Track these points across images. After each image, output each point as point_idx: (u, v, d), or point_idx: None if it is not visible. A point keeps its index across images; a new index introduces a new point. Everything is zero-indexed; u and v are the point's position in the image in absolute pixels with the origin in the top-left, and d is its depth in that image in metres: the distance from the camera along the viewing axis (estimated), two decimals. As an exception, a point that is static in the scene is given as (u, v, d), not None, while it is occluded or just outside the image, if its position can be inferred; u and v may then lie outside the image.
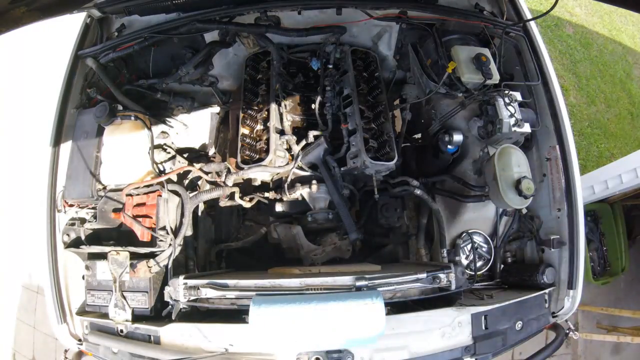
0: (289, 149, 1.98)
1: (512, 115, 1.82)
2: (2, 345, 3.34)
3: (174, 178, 1.87)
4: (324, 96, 2.03)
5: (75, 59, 2.04)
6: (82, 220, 1.81)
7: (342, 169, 1.96)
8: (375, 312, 1.36)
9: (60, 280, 1.81)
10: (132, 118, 1.86)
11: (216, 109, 2.35)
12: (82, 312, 1.80)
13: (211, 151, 2.36)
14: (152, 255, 1.69)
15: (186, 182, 1.98)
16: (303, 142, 1.98)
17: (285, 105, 2.03)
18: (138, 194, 1.79)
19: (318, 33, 2.11)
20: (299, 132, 2.07)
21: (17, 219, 3.51)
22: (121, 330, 1.68)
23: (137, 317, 1.67)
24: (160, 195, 1.77)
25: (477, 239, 1.96)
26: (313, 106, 2.06)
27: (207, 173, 1.95)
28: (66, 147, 1.90)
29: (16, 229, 3.49)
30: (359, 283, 1.49)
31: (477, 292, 1.85)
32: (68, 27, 2.10)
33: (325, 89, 2.03)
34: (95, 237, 1.76)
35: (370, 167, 1.90)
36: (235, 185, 2.00)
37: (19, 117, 3.90)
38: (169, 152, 1.98)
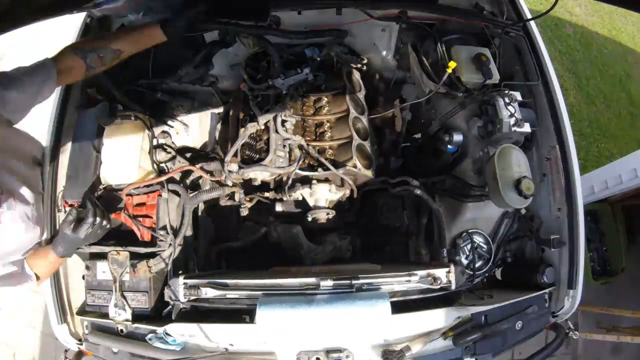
0: (290, 149, 1.98)
1: (512, 115, 1.82)
2: (2, 345, 3.34)
3: (175, 178, 1.87)
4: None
5: (75, 58, 2.04)
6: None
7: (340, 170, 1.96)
8: (383, 313, 1.37)
9: (60, 280, 1.81)
10: (132, 118, 1.86)
11: (216, 108, 2.35)
12: (82, 312, 1.80)
13: (212, 151, 2.36)
14: (152, 255, 1.69)
15: (187, 182, 1.98)
16: (303, 142, 1.98)
17: (288, 115, 2.03)
18: (138, 194, 1.79)
19: (318, 36, 2.11)
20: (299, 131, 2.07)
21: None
22: (121, 330, 1.68)
23: (137, 317, 1.67)
24: (161, 195, 1.77)
25: (477, 238, 1.96)
26: (317, 105, 2.06)
27: (207, 173, 1.95)
28: (66, 147, 1.90)
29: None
30: (359, 283, 1.49)
31: (477, 291, 1.86)
32: (68, 27, 2.10)
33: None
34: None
35: None
36: (235, 185, 2.00)
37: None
38: (169, 152, 1.98)
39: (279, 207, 2.05)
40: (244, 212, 2.05)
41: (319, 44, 2.16)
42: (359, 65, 2.35)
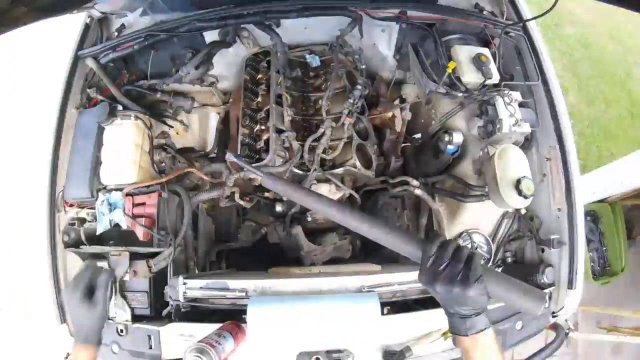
0: (288, 148, 1.98)
1: (512, 115, 1.82)
2: (2, 345, 3.34)
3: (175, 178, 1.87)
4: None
5: (75, 59, 2.04)
6: (82, 220, 1.81)
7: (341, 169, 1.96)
8: (371, 313, 1.36)
9: (60, 280, 1.81)
10: (132, 118, 1.86)
11: (216, 109, 2.35)
12: (82, 312, 1.80)
13: (211, 151, 2.36)
14: (152, 255, 1.69)
15: (187, 182, 1.98)
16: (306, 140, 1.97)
17: (285, 105, 2.03)
18: (138, 194, 1.79)
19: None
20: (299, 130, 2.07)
21: (18, 218, 3.52)
22: (121, 330, 1.68)
23: (137, 317, 1.67)
24: (161, 195, 1.77)
25: (477, 238, 1.96)
26: (319, 104, 2.06)
27: (207, 174, 1.95)
28: (66, 147, 1.90)
29: (16, 229, 3.49)
30: (359, 284, 1.49)
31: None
32: (68, 27, 2.10)
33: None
34: (96, 237, 1.76)
35: None
36: (235, 185, 1.99)
37: (19, 118, 3.90)
38: (169, 152, 1.98)
39: (279, 207, 2.05)
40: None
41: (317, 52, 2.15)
42: (359, 66, 2.34)
